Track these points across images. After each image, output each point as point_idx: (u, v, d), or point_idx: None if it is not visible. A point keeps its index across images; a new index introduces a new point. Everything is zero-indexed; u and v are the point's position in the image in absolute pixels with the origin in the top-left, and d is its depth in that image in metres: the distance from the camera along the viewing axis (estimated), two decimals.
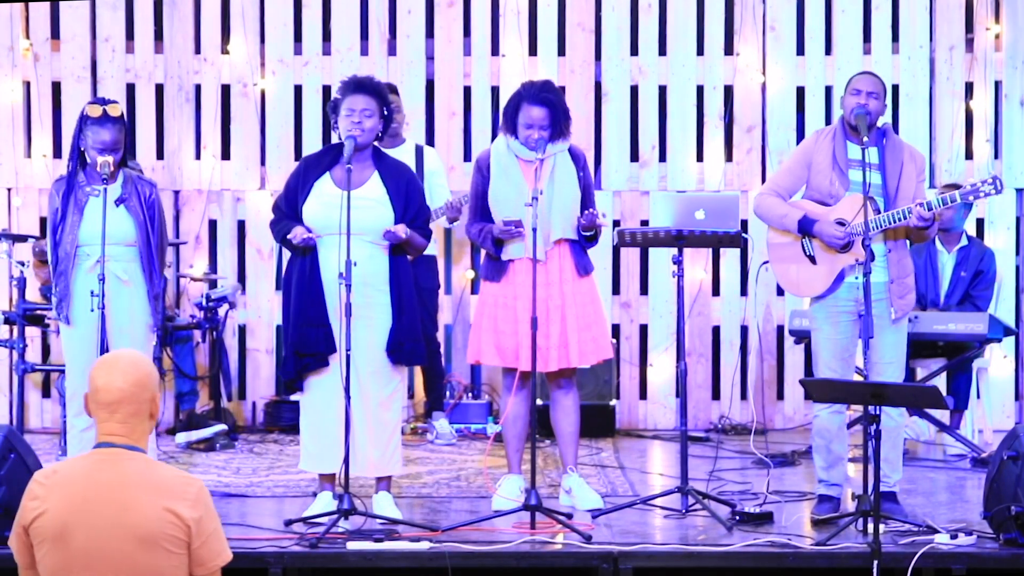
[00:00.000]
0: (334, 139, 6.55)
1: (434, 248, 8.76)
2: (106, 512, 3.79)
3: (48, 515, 3.81)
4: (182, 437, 8.41)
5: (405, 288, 6.35)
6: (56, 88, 9.46)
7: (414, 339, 6.34)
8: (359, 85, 6.38)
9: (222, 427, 8.46)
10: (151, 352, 6.71)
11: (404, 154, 8.53)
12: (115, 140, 6.45)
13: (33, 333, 8.92)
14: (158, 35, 9.48)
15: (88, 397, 3.94)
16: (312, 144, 9.36)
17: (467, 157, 9.46)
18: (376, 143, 6.46)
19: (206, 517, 3.88)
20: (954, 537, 5.91)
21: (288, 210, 6.38)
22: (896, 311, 6.45)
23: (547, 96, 6.57)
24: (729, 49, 9.54)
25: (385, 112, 6.41)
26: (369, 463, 6.33)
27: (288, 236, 6.27)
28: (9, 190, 9.41)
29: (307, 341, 6.28)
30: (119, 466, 3.84)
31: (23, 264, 8.38)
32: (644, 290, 9.57)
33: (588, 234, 6.62)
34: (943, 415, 8.48)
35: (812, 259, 6.54)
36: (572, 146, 6.72)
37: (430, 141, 9.36)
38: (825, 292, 6.52)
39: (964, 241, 8.58)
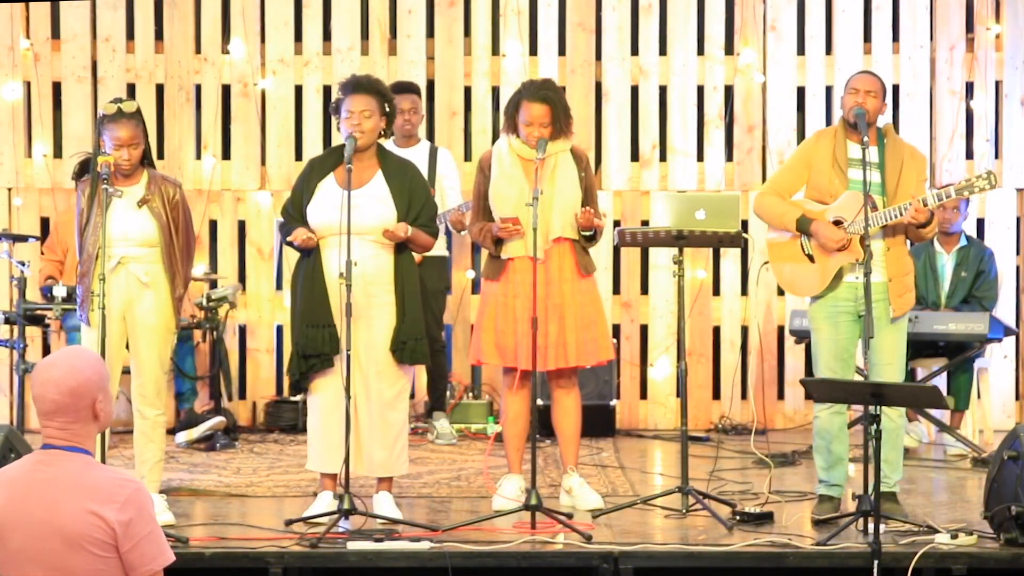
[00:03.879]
0: (335, 139, 6.55)
1: (443, 248, 8.76)
2: (37, 512, 3.76)
3: None
4: (182, 437, 8.41)
5: (409, 287, 6.35)
6: (56, 88, 9.46)
7: (416, 338, 6.34)
8: (358, 85, 6.38)
9: (220, 419, 8.44)
10: (169, 354, 6.69)
11: (418, 155, 8.53)
12: (130, 136, 6.43)
13: (33, 333, 8.92)
14: (158, 35, 9.49)
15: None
16: (312, 144, 9.37)
17: (467, 157, 9.46)
18: (382, 139, 6.45)
19: (138, 520, 3.77)
20: (954, 537, 5.90)
21: (295, 213, 6.40)
22: (895, 310, 6.45)
23: (547, 94, 6.58)
24: (729, 49, 9.54)
25: (387, 110, 6.40)
26: (375, 463, 6.33)
27: (288, 238, 6.28)
28: (9, 190, 9.41)
29: (312, 342, 6.28)
30: (55, 467, 3.81)
31: (23, 264, 8.38)
32: (644, 290, 9.57)
33: (587, 234, 6.62)
34: (943, 415, 8.48)
35: (811, 258, 6.55)
36: (574, 146, 6.72)
37: (430, 141, 9.36)
38: (824, 292, 6.52)
39: (963, 241, 8.59)
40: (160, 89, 9.48)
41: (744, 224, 8.59)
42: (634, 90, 9.56)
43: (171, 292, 6.54)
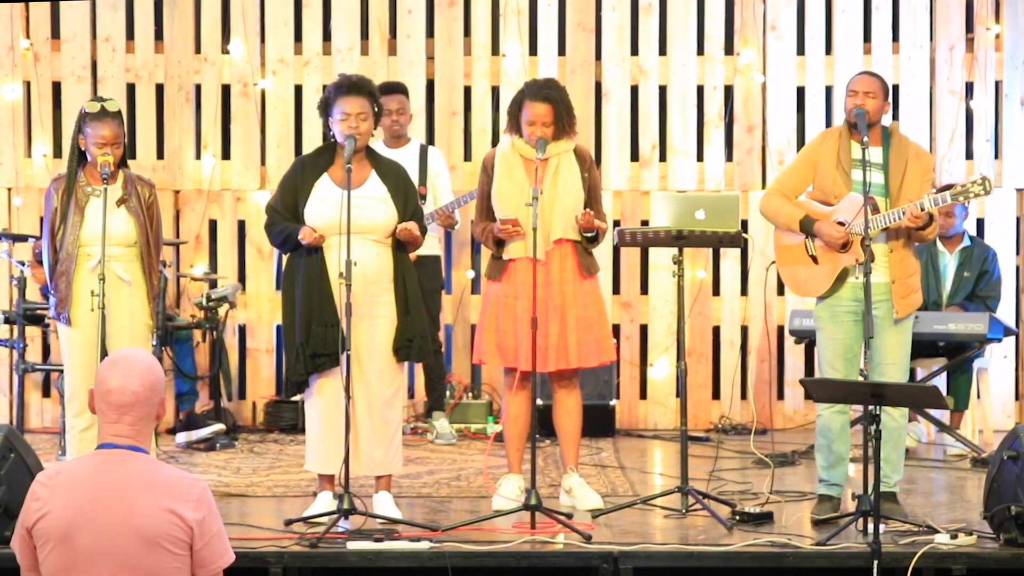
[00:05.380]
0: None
1: (436, 247, 8.76)
2: (110, 513, 3.79)
3: (52, 516, 3.81)
4: (182, 437, 8.41)
5: (410, 285, 6.36)
6: (56, 88, 9.46)
7: (421, 335, 6.35)
8: (352, 87, 6.36)
9: (220, 427, 8.46)
10: (151, 352, 6.71)
11: (408, 154, 8.55)
12: (114, 135, 6.45)
13: (33, 333, 8.92)
14: (158, 35, 9.49)
15: (95, 395, 3.93)
16: (312, 144, 9.34)
17: (467, 157, 9.47)
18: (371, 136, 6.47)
19: (209, 519, 3.88)
20: (954, 537, 5.90)
21: (285, 212, 6.37)
22: (898, 311, 6.45)
23: (549, 93, 6.57)
24: (729, 49, 9.54)
25: (376, 111, 6.41)
26: (372, 462, 6.33)
27: (299, 238, 6.24)
28: (9, 190, 9.42)
29: (323, 341, 6.25)
30: (123, 467, 3.85)
31: (23, 264, 8.38)
32: (644, 290, 9.57)
33: (588, 235, 6.62)
34: (943, 415, 8.48)
35: (814, 259, 6.55)
36: (578, 146, 6.71)
37: (430, 141, 9.36)
38: (828, 292, 6.52)
39: (966, 241, 8.59)
40: (160, 89, 9.48)
41: (744, 224, 8.62)
42: (634, 90, 9.56)
43: (149, 291, 6.55)
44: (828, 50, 9.55)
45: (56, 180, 6.57)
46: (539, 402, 6.88)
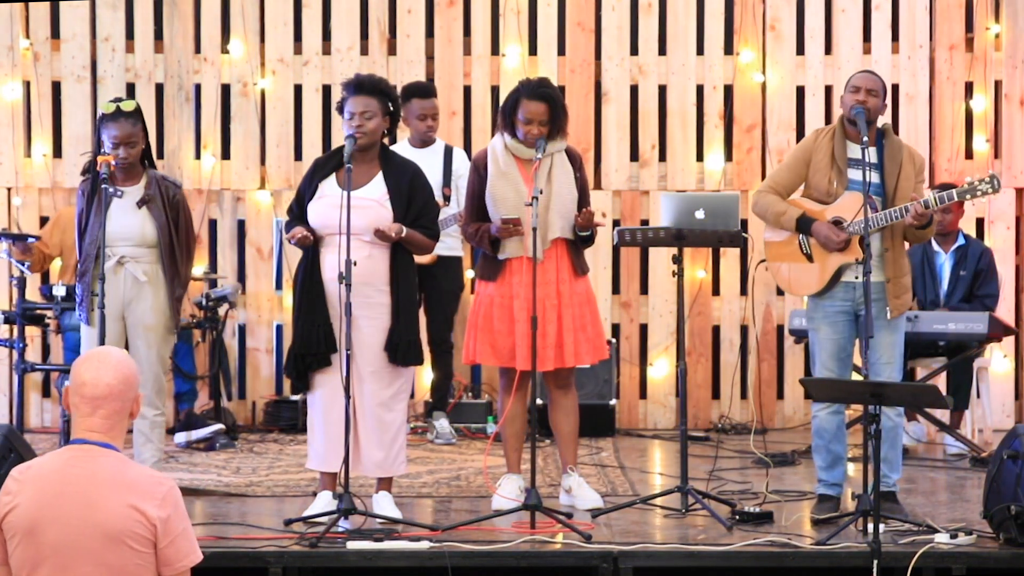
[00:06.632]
0: (335, 138, 6.56)
1: (459, 248, 8.75)
2: (75, 508, 3.80)
3: (19, 510, 3.83)
4: (181, 437, 8.41)
5: (404, 289, 6.34)
6: (56, 88, 9.46)
7: (410, 340, 6.33)
8: (360, 86, 6.36)
9: (219, 427, 8.46)
10: (169, 353, 6.73)
11: (434, 155, 8.54)
12: (128, 135, 6.47)
13: (33, 333, 8.92)
14: (158, 35, 9.49)
15: (70, 391, 3.94)
16: (311, 143, 9.37)
17: (467, 157, 9.46)
18: (385, 140, 6.45)
19: (174, 517, 3.87)
20: (954, 537, 5.90)
21: (299, 212, 6.40)
22: (892, 311, 6.45)
23: (546, 91, 6.56)
24: (729, 49, 9.54)
25: (391, 109, 6.39)
26: (372, 463, 6.33)
27: (285, 237, 6.30)
28: (9, 190, 9.42)
29: (308, 340, 6.28)
30: (91, 463, 3.86)
31: (23, 264, 8.38)
32: (644, 290, 9.57)
33: (584, 234, 6.62)
34: (943, 415, 8.48)
35: (809, 257, 6.54)
36: (569, 146, 6.71)
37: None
38: (822, 291, 6.52)
39: (960, 240, 8.59)
40: (160, 89, 9.48)
41: (744, 224, 8.61)
42: (633, 90, 9.56)
43: (170, 292, 6.55)
44: (828, 50, 9.55)
45: (83, 182, 6.60)
46: (538, 402, 6.87)
